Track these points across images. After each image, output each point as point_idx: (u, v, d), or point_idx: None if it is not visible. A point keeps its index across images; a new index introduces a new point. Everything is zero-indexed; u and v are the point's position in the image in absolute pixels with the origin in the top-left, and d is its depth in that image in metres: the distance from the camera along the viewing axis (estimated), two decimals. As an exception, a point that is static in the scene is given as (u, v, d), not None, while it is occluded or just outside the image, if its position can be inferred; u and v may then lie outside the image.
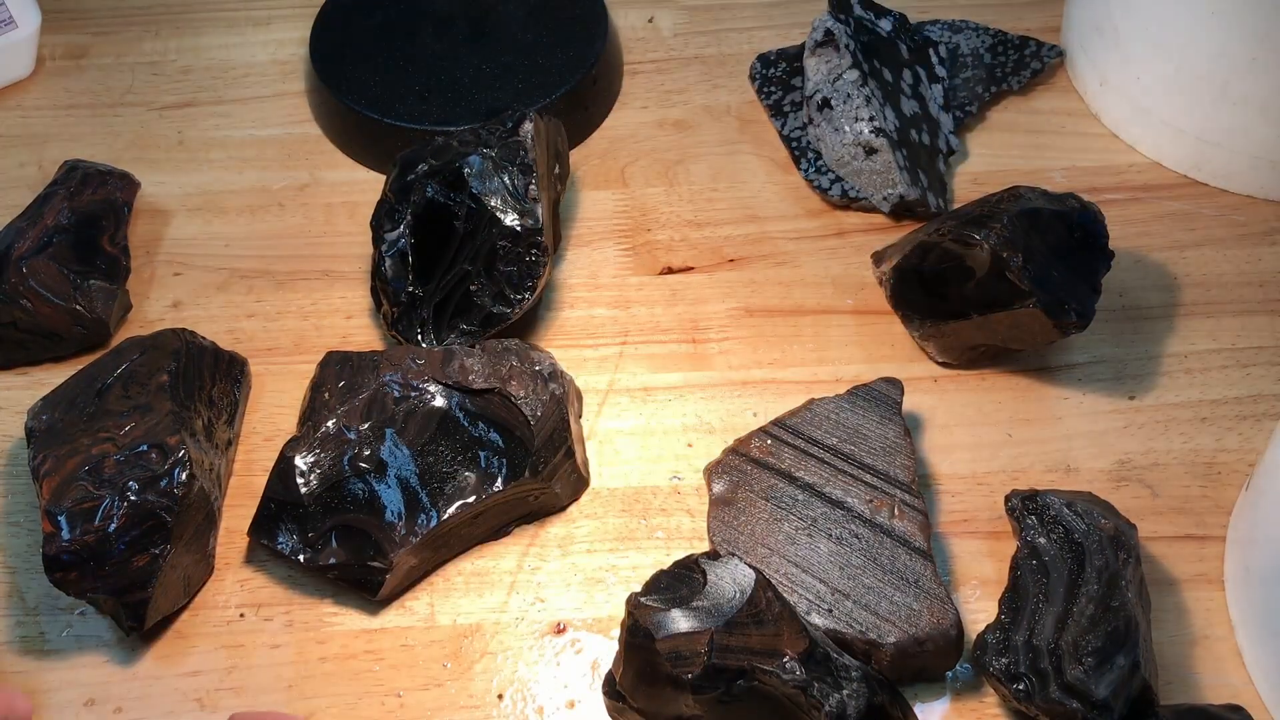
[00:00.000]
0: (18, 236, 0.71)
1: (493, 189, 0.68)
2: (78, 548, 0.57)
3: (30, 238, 0.70)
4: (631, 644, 0.51)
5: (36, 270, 0.69)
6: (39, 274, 0.69)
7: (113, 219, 0.74)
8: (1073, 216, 0.66)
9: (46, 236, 0.71)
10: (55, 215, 0.72)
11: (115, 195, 0.75)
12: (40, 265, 0.69)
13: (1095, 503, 0.60)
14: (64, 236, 0.71)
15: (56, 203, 0.73)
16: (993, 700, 0.58)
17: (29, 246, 0.70)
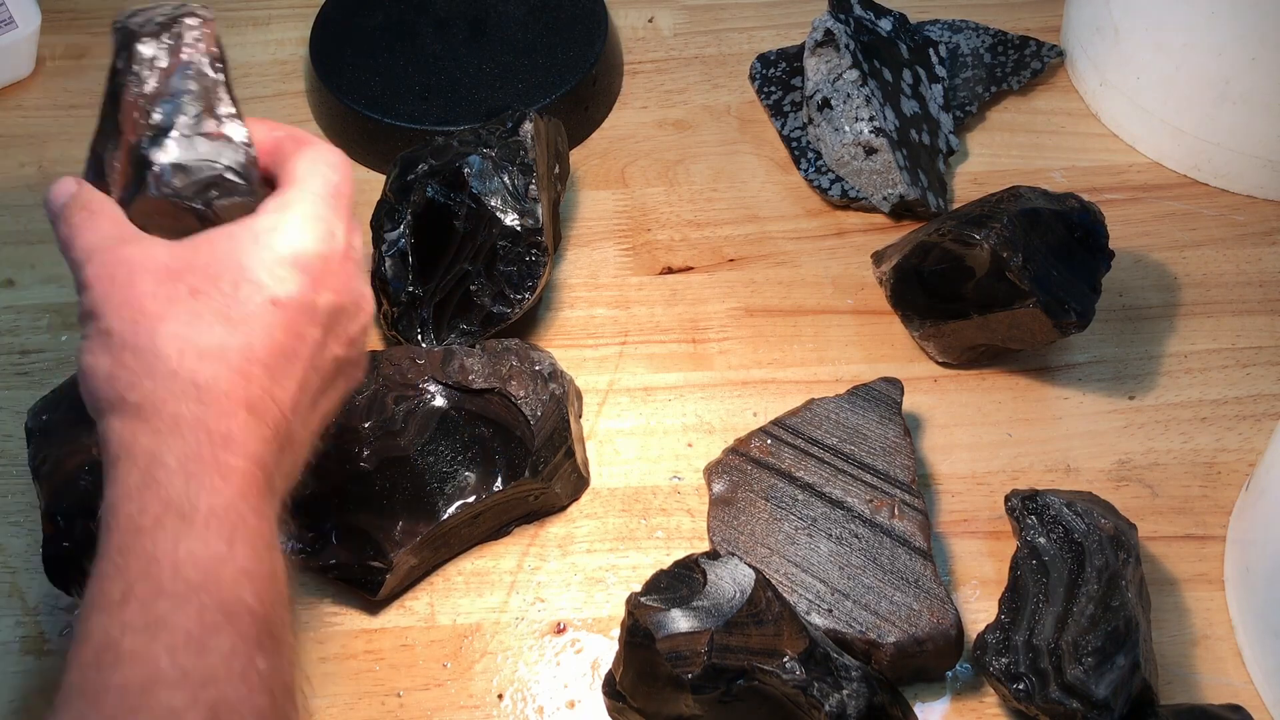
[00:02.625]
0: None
1: (493, 189, 0.68)
2: (78, 548, 0.57)
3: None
4: (631, 644, 0.51)
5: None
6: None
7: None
8: (1073, 216, 0.66)
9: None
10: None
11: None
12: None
13: (1095, 503, 0.60)
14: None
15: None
16: (993, 700, 0.58)
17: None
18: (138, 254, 0.44)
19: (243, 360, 0.43)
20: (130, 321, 0.43)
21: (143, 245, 0.45)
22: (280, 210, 0.46)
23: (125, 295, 0.43)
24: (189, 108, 0.47)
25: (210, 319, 0.43)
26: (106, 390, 0.43)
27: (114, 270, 0.44)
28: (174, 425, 0.42)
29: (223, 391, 0.43)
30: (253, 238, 0.45)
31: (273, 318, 0.44)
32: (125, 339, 0.43)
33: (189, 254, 0.44)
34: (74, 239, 0.45)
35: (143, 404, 0.42)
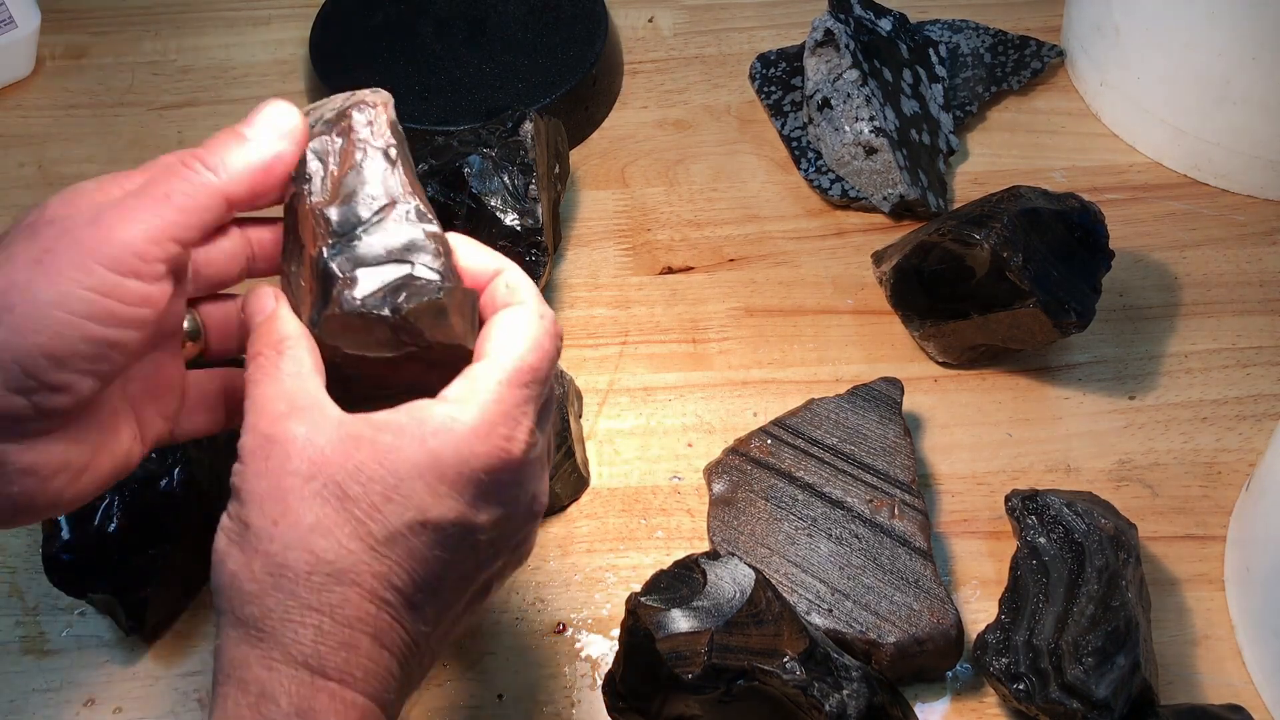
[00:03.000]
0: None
1: (493, 189, 0.68)
2: (78, 547, 0.57)
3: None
4: (631, 644, 0.51)
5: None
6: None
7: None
8: (1073, 216, 0.66)
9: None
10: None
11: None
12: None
13: (1095, 503, 0.60)
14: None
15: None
16: (993, 700, 0.58)
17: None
18: (300, 435, 0.40)
19: (377, 586, 0.39)
20: (270, 521, 0.39)
21: (309, 423, 0.40)
22: (457, 407, 0.40)
23: (272, 486, 0.39)
24: (367, 207, 0.43)
25: (350, 534, 0.39)
26: (230, 589, 0.39)
27: (269, 449, 0.40)
28: (288, 658, 0.38)
29: (349, 617, 0.39)
30: (419, 441, 0.40)
31: (420, 541, 0.40)
32: (260, 540, 0.39)
33: (350, 447, 0.40)
34: (249, 383, 0.41)
35: (262, 624, 0.38)
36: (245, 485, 0.40)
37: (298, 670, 0.38)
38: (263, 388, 0.41)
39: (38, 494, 0.41)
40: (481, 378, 0.41)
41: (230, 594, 0.39)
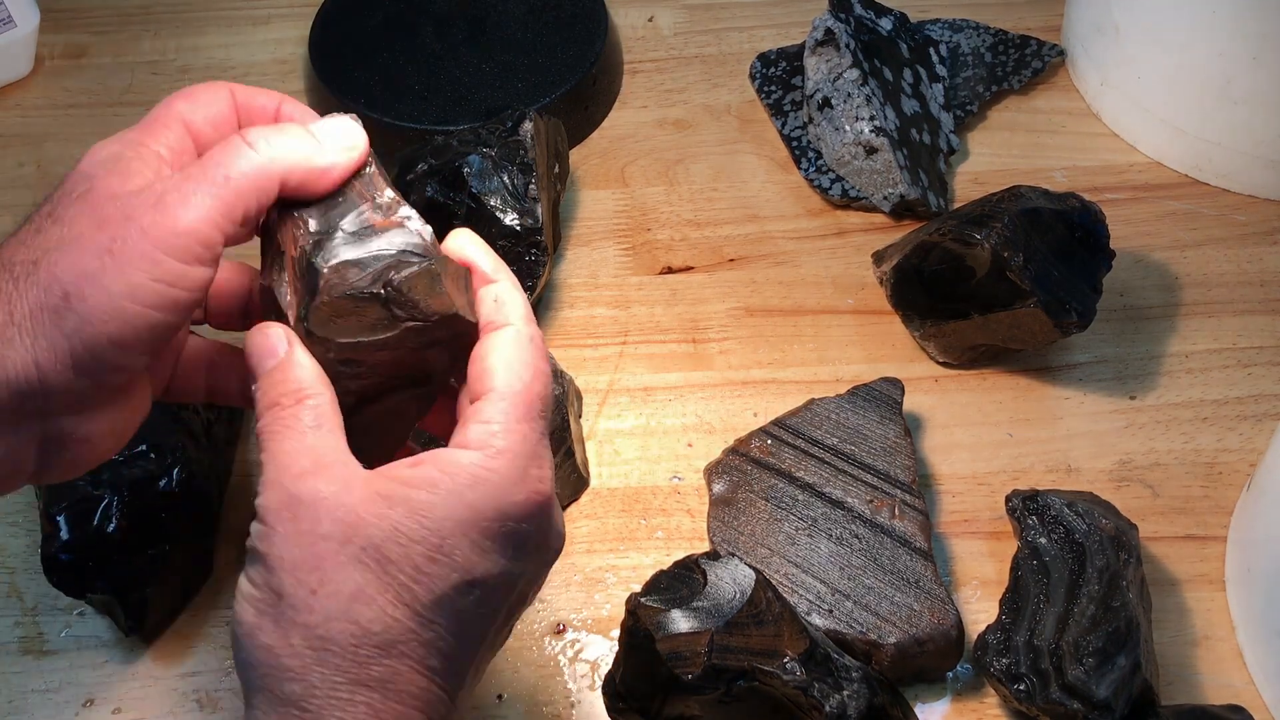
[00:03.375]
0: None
1: (492, 188, 0.68)
2: (77, 548, 0.57)
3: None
4: (631, 644, 0.51)
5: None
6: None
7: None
8: (1073, 216, 0.66)
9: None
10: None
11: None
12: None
13: (1096, 503, 0.60)
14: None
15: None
16: (993, 700, 0.58)
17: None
18: (329, 494, 0.38)
19: (425, 655, 0.38)
20: (307, 590, 0.37)
21: (337, 481, 0.38)
22: (487, 455, 0.39)
23: (305, 552, 0.37)
24: (347, 207, 0.42)
25: (394, 601, 0.38)
26: (265, 664, 0.37)
27: (297, 510, 0.38)
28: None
29: (400, 693, 0.38)
30: (456, 496, 0.38)
31: (467, 601, 0.39)
32: (297, 612, 0.37)
33: (383, 506, 0.38)
34: (265, 435, 0.40)
35: (306, 702, 0.37)
36: (273, 550, 0.38)
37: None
38: (283, 442, 0.39)
39: (89, 458, 0.42)
40: (499, 418, 0.40)
41: (265, 670, 0.38)
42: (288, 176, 0.41)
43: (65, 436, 0.41)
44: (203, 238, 0.39)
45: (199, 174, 0.40)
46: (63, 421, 0.40)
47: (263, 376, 0.41)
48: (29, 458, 0.41)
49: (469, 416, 0.40)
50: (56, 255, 0.39)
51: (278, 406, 0.40)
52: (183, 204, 0.39)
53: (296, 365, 0.41)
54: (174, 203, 0.39)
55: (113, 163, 0.41)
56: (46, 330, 0.38)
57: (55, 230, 0.39)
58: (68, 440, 0.41)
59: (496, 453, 0.39)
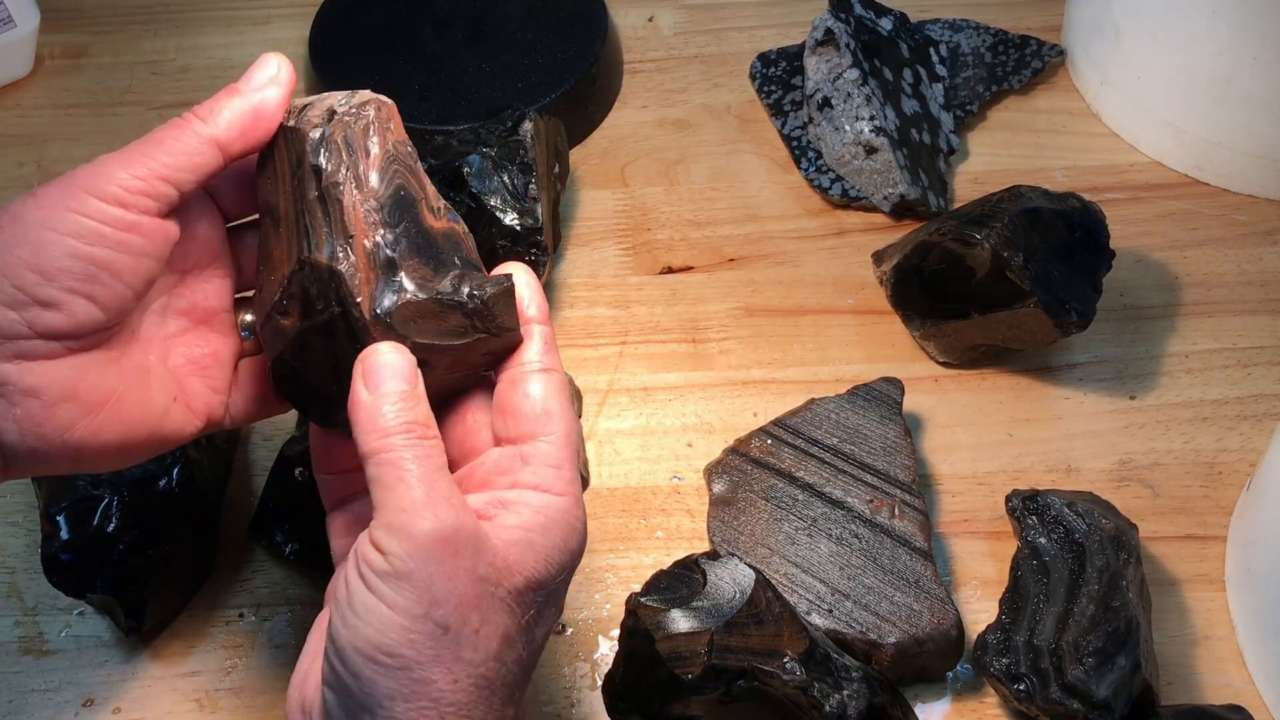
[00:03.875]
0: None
1: (492, 188, 0.68)
2: (76, 548, 0.57)
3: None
4: (631, 644, 0.51)
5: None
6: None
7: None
8: (1074, 216, 0.66)
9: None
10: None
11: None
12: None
13: (1096, 503, 0.60)
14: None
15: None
16: (993, 700, 0.58)
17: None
18: (480, 535, 0.39)
19: (525, 695, 0.41)
20: (472, 630, 0.38)
21: (475, 523, 0.39)
22: (571, 504, 0.42)
23: (469, 590, 0.38)
24: (409, 201, 0.44)
25: (525, 645, 0.40)
26: (424, 698, 0.38)
27: (458, 544, 0.38)
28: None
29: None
30: (562, 542, 0.41)
31: (549, 638, 0.42)
32: (462, 649, 0.38)
33: (520, 552, 0.40)
34: (394, 453, 0.39)
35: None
36: (434, 583, 0.38)
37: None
38: (422, 467, 0.39)
39: (44, 421, 0.41)
40: (567, 464, 0.43)
41: (422, 700, 0.37)
42: (221, 135, 0.43)
43: (8, 386, 0.40)
44: (125, 184, 0.41)
45: (136, 144, 0.42)
46: (2, 366, 0.40)
47: (393, 394, 0.40)
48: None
49: (539, 458, 0.42)
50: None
51: (411, 433, 0.40)
52: (114, 162, 0.41)
53: (424, 400, 0.41)
54: (107, 163, 0.41)
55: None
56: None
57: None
58: (11, 392, 0.40)
59: (575, 501, 0.42)
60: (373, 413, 0.40)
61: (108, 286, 0.41)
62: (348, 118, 0.44)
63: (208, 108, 0.44)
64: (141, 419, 0.44)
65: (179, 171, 0.42)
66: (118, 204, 0.41)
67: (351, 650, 0.38)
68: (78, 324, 0.41)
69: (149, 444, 0.44)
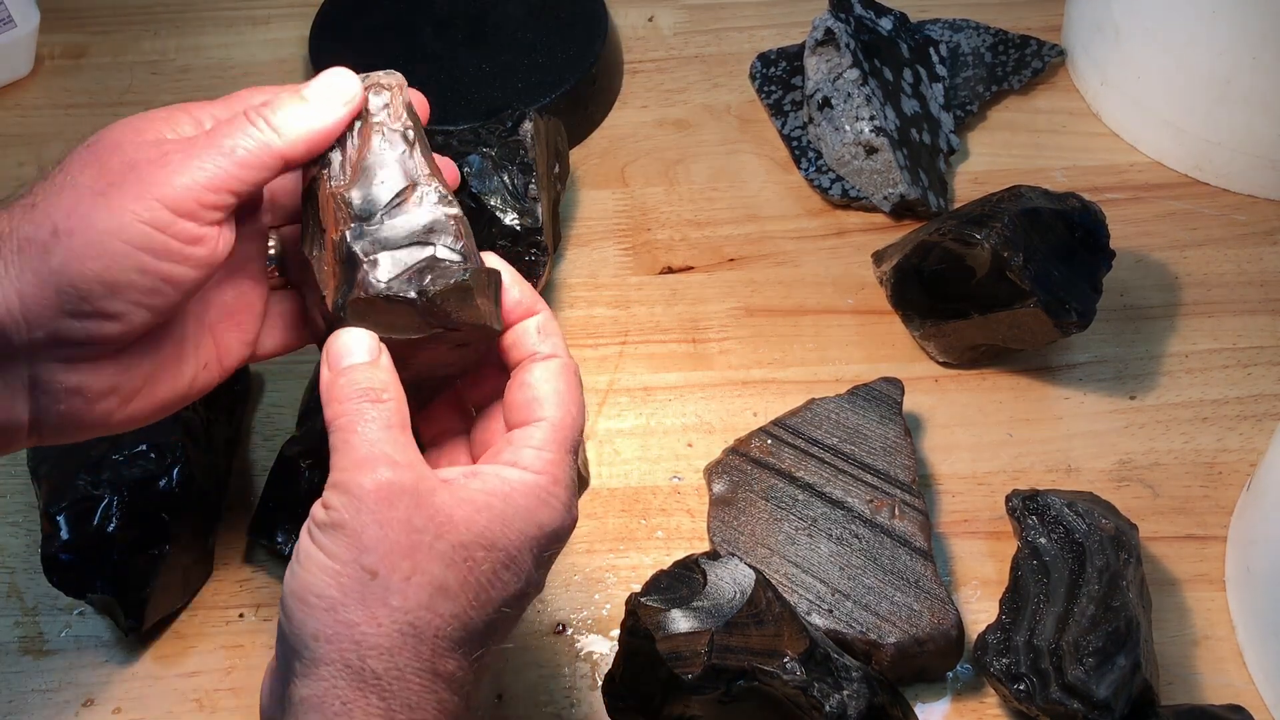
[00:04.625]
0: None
1: (492, 188, 0.68)
2: (77, 548, 0.57)
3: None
4: (631, 644, 0.51)
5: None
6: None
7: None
8: (1074, 216, 0.66)
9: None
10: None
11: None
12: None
13: (1096, 503, 0.59)
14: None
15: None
16: (993, 700, 0.58)
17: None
18: (423, 490, 0.40)
19: (483, 655, 0.41)
20: (401, 577, 0.39)
21: (429, 479, 0.41)
22: (550, 482, 0.42)
23: (401, 539, 0.39)
24: (387, 190, 0.44)
25: (471, 603, 0.40)
26: (345, 638, 0.38)
27: (396, 498, 0.39)
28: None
29: (458, 685, 0.40)
30: (529, 513, 0.41)
31: (515, 609, 0.42)
32: (389, 594, 0.39)
33: (471, 511, 0.40)
34: (352, 418, 0.41)
35: (387, 682, 0.38)
36: (366, 530, 0.39)
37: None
38: (368, 429, 0.41)
39: (84, 413, 0.42)
40: (552, 447, 0.43)
41: (346, 643, 0.38)
42: (289, 151, 0.43)
43: (56, 385, 0.41)
44: (196, 196, 0.40)
45: (205, 143, 0.41)
46: (52, 368, 0.41)
47: (348, 368, 0.42)
48: (21, 406, 0.41)
49: (521, 440, 0.43)
50: (55, 197, 0.40)
51: (363, 398, 0.41)
52: (184, 165, 0.40)
53: (384, 368, 0.42)
54: (176, 163, 0.40)
55: (137, 120, 0.43)
56: (33, 264, 0.39)
57: (58, 176, 0.41)
58: (59, 390, 0.41)
59: (553, 480, 0.43)
60: (330, 386, 0.42)
61: (167, 297, 0.41)
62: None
63: (279, 115, 0.43)
64: (172, 391, 0.45)
65: (246, 184, 0.42)
66: (189, 217, 0.41)
67: (289, 594, 0.40)
68: (132, 331, 0.41)
69: (176, 406, 0.46)
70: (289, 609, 0.40)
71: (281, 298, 0.50)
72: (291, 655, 0.40)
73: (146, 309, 0.41)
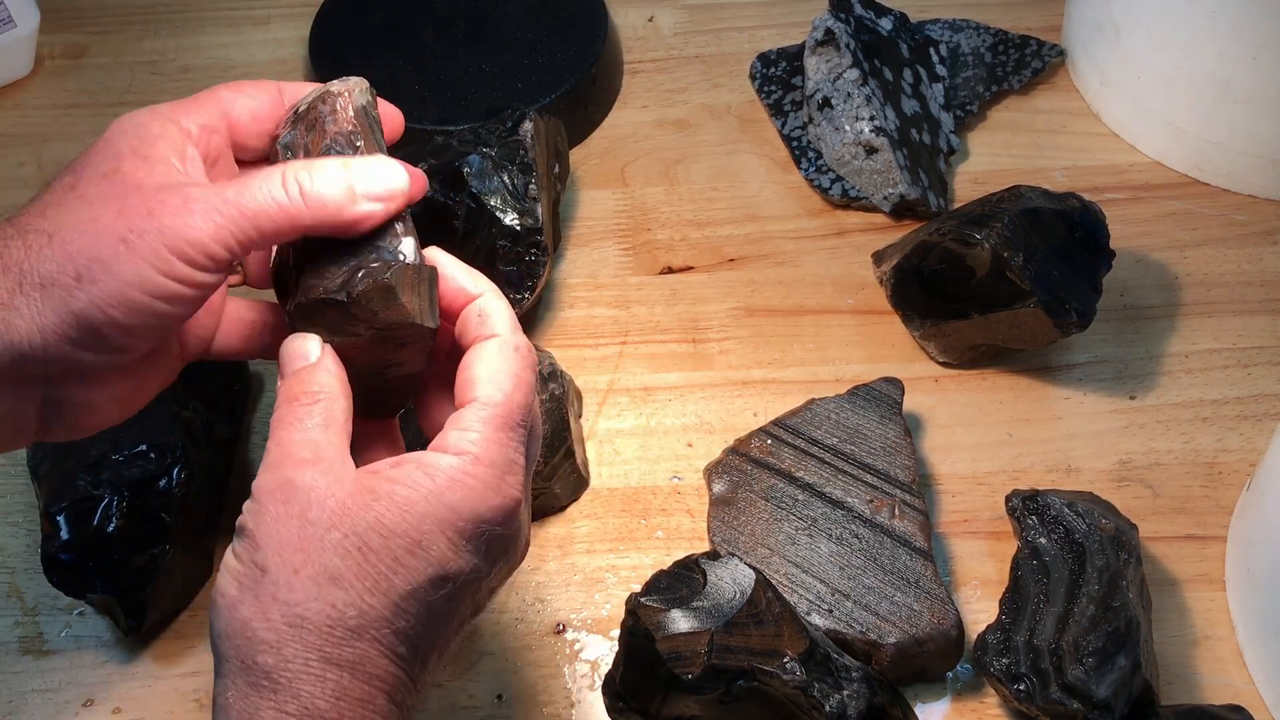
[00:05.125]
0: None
1: (492, 188, 0.68)
2: (77, 548, 0.57)
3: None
4: (631, 644, 0.51)
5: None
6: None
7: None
8: (1074, 216, 0.66)
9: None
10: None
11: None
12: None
13: (1096, 503, 0.59)
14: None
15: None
16: (993, 700, 0.58)
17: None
18: (321, 484, 0.40)
19: (395, 642, 0.40)
20: (290, 569, 0.39)
21: (330, 474, 0.41)
22: (466, 461, 0.41)
23: (292, 534, 0.40)
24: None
25: (371, 589, 0.40)
26: (241, 636, 0.39)
27: (290, 494, 0.40)
28: (303, 711, 0.39)
29: (369, 675, 0.40)
30: (435, 495, 0.41)
31: (438, 596, 0.41)
32: (278, 588, 0.39)
33: (368, 499, 0.40)
34: (276, 425, 0.42)
35: (277, 674, 0.39)
36: (261, 529, 0.40)
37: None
38: (291, 433, 0.42)
39: (91, 422, 0.45)
40: (479, 427, 0.42)
41: (240, 641, 0.39)
42: (313, 225, 0.42)
43: (66, 402, 0.43)
44: (214, 253, 0.41)
45: (228, 197, 0.41)
46: (64, 388, 0.43)
47: (289, 375, 0.43)
48: (31, 419, 0.43)
49: (451, 423, 0.42)
50: (74, 234, 0.40)
51: (295, 401, 0.42)
52: (203, 220, 0.41)
53: (323, 370, 0.43)
54: (197, 213, 0.41)
55: (138, 139, 0.43)
56: (55, 305, 0.40)
57: (76, 207, 0.41)
58: (68, 406, 0.43)
59: (474, 459, 0.41)
60: (278, 392, 0.43)
61: (173, 328, 0.44)
62: (299, 119, 0.45)
63: (315, 187, 0.42)
64: (158, 385, 0.47)
65: (263, 245, 0.42)
66: (204, 270, 0.41)
67: (213, 599, 0.41)
68: (139, 358, 0.43)
69: (149, 400, 0.47)
70: (210, 612, 0.41)
71: (244, 308, 0.50)
72: (214, 652, 0.41)
73: (154, 341, 0.43)
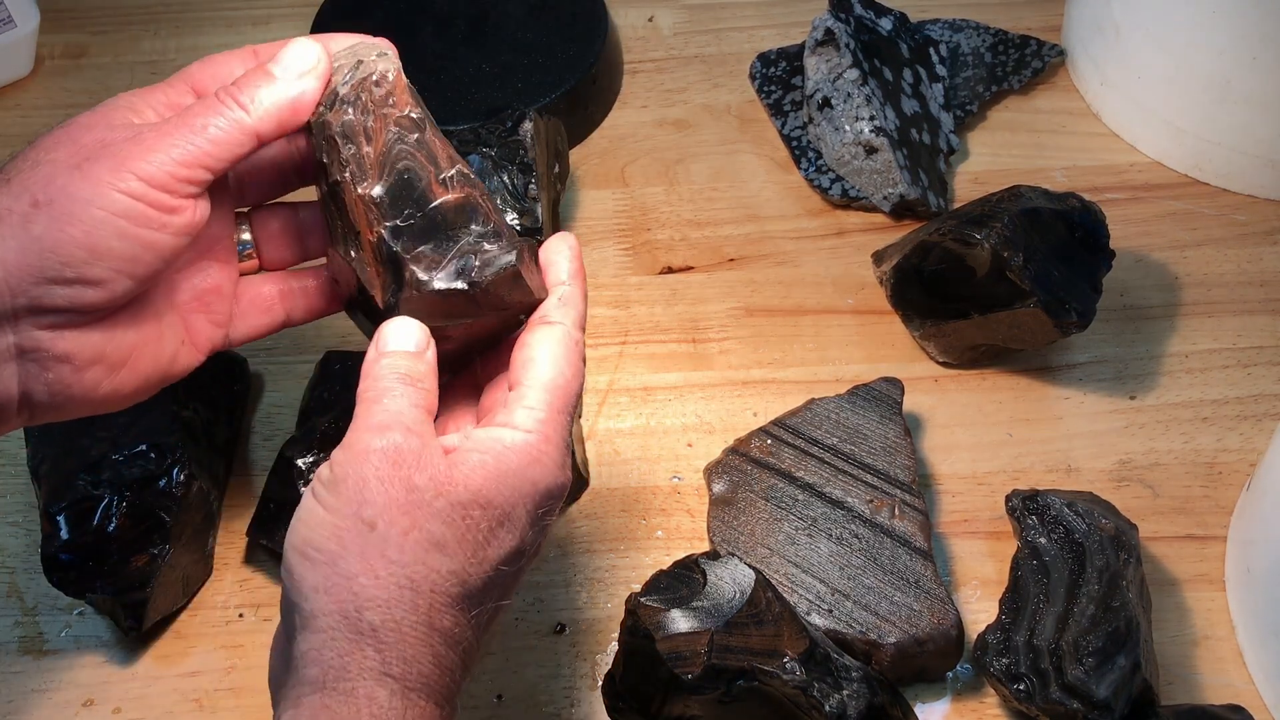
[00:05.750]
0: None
1: (492, 188, 0.68)
2: (76, 548, 0.57)
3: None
4: (631, 644, 0.51)
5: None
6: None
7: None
8: (1073, 216, 0.66)
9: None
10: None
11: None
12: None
13: (1096, 503, 0.59)
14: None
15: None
16: (993, 700, 0.58)
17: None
18: (425, 454, 0.41)
19: (479, 613, 0.42)
20: (400, 531, 0.40)
21: (429, 447, 0.42)
22: (541, 440, 0.43)
23: (401, 496, 0.40)
24: (410, 182, 0.44)
25: (469, 559, 0.41)
26: (344, 590, 0.39)
27: (401, 457, 0.41)
28: (406, 674, 0.39)
29: (456, 642, 0.41)
30: (521, 472, 0.42)
31: (513, 567, 0.43)
32: (388, 548, 0.40)
33: (467, 471, 0.41)
34: (380, 393, 0.43)
35: (382, 634, 0.39)
36: (367, 485, 0.40)
37: (411, 689, 0.39)
38: (399, 401, 0.42)
39: (73, 384, 0.43)
40: (544, 407, 0.43)
41: (345, 595, 0.39)
42: (261, 128, 0.44)
43: (42, 353, 0.42)
44: (170, 170, 0.42)
45: (178, 123, 0.43)
46: (38, 336, 0.42)
47: (393, 351, 0.44)
48: (10, 376, 0.42)
49: (515, 400, 0.44)
50: (30, 173, 0.41)
51: (402, 380, 0.43)
52: (158, 143, 0.42)
53: (424, 361, 0.44)
54: (150, 141, 0.42)
55: (106, 104, 0.44)
56: (13, 232, 0.40)
57: (30, 153, 0.42)
58: (45, 357, 0.42)
59: (544, 438, 0.43)
60: (371, 364, 0.44)
61: (148, 264, 0.42)
62: (346, 102, 0.45)
63: (246, 93, 0.44)
64: (155, 366, 0.46)
65: (220, 160, 0.43)
66: (163, 189, 0.42)
67: (290, 549, 0.41)
68: (115, 298, 0.42)
69: (158, 385, 0.47)
70: (290, 564, 0.41)
71: (260, 281, 0.51)
72: (293, 611, 0.41)
73: (128, 276, 0.42)
